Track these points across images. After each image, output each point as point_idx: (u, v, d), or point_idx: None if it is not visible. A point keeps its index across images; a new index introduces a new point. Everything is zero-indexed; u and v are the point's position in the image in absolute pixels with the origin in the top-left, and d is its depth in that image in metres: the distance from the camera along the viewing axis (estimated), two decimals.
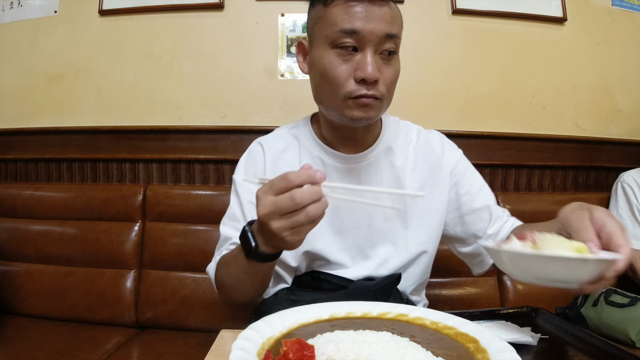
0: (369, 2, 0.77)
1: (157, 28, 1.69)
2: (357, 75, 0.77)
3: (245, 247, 0.70)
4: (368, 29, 0.75)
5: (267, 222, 0.61)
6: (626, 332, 1.33)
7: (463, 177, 0.95)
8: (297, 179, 0.59)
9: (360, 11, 0.76)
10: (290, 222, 0.60)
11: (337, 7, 0.78)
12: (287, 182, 0.59)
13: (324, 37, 0.79)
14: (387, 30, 0.77)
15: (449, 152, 0.97)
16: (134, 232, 1.50)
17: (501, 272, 1.55)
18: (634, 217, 1.53)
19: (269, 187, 0.61)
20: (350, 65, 0.78)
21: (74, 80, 1.71)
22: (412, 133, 0.97)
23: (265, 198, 0.61)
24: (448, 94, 1.71)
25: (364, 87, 0.77)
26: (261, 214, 0.61)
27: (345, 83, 0.78)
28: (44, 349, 1.22)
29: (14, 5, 1.75)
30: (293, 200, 0.58)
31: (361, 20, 0.76)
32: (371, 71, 0.76)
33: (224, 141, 1.65)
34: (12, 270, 1.49)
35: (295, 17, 1.68)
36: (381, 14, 0.76)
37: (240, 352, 0.44)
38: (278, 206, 0.59)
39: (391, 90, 0.82)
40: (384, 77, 0.79)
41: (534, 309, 0.77)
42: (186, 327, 1.43)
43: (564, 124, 1.77)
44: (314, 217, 0.60)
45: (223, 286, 0.85)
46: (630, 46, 1.81)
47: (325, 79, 0.80)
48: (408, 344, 0.48)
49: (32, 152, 1.70)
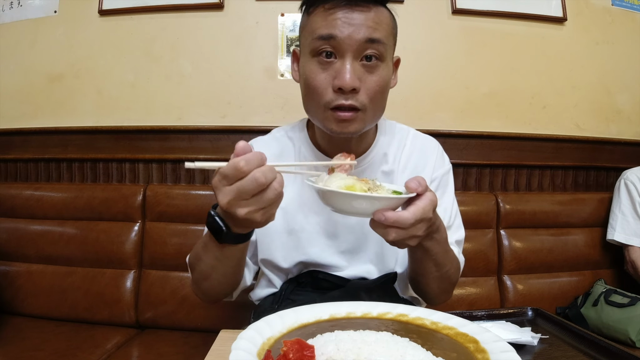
0: (349, 8, 0.74)
1: (157, 28, 1.69)
2: (335, 83, 0.74)
3: (216, 232, 0.67)
4: (345, 33, 0.73)
5: (233, 210, 0.58)
6: (626, 332, 1.33)
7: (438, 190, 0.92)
8: (251, 164, 0.56)
9: (339, 17, 0.74)
10: (259, 203, 0.58)
11: (317, 14, 0.76)
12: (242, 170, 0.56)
13: (307, 45, 0.78)
14: (367, 35, 0.73)
15: (439, 162, 0.94)
16: (134, 232, 1.50)
17: (501, 272, 1.56)
18: (636, 214, 1.53)
19: (223, 177, 0.57)
20: (329, 74, 0.75)
21: (74, 80, 1.71)
22: (407, 137, 0.95)
23: (223, 188, 0.57)
24: (448, 94, 1.71)
25: (342, 97, 0.75)
26: (224, 203, 0.58)
27: (324, 92, 0.76)
28: (44, 349, 1.22)
29: (14, 5, 1.75)
30: (256, 182, 0.56)
31: (339, 26, 0.73)
32: (348, 79, 0.73)
33: (224, 141, 1.65)
34: (12, 270, 1.49)
35: (295, 17, 1.68)
36: (362, 19, 0.74)
37: (240, 352, 0.44)
38: (241, 191, 0.56)
39: (376, 100, 0.78)
40: (366, 85, 0.76)
41: (534, 309, 0.78)
42: (186, 327, 1.43)
43: (564, 124, 1.77)
44: (278, 190, 0.58)
45: (195, 276, 0.82)
46: (630, 46, 1.81)
47: (307, 88, 0.78)
48: (408, 344, 0.48)
49: (32, 152, 1.70)
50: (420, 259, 0.77)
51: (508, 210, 1.59)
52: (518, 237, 1.58)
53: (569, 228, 1.62)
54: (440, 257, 0.76)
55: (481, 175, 1.72)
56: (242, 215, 0.58)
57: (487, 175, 1.72)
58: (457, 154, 1.66)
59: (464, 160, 1.68)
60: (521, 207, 1.61)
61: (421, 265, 0.79)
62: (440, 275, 0.79)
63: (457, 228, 0.93)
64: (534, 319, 0.76)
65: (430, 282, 0.82)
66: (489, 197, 1.61)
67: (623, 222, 1.54)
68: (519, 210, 1.61)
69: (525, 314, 0.77)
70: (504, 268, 1.55)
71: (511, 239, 1.57)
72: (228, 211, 0.59)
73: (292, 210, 0.88)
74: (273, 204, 0.60)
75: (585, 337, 0.65)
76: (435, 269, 0.78)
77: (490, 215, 1.58)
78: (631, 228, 1.53)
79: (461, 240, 0.93)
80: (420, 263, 0.78)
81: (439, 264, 0.77)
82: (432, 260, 0.76)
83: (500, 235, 1.58)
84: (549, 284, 1.56)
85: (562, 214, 1.62)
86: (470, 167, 1.70)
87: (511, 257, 1.55)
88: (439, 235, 0.73)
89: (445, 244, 0.77)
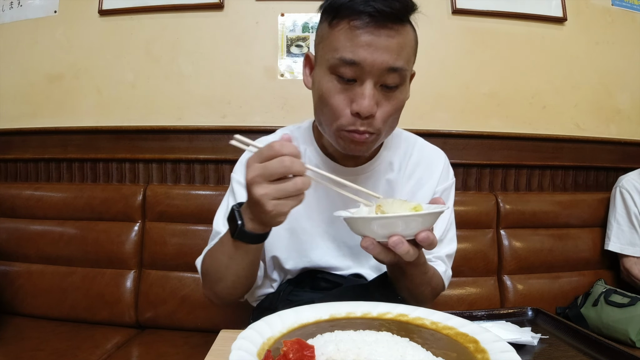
0: (375, 28, 0.71)
1: (157, 28, 1.69)
2: (353, 108, 0.73)
3: (232, 225, 0.70)
4: (369, 60, 0.70)
5: (253, 186, 0.61)
6: (626, 332, 1.33)
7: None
8: (285, 149, 0.60)
9: (364, 40, 0.70)
10: (277, 189, 0.60)
11: (341, 31, 0.73)
12: (275, 150, 0.60)
13: (325, 60, 0.75)
14: (390, 63, 0.71)
15: (444, 175, 0.94)
16: (134, 232, 1.50)
17: (501, 272, 1.56)
18: (631, 224, 1.53)
19: (258, 155, 0.61)
20: (348, 96, 0.74)
21: (74, 80, 1.71)
22: (414, 147, 0.95)
23: (253, 164, 0.61)
24: (448, 94, 1.71)
25: (358, 122, 0.74)
26: (249, 177, 0.61)
27: (340, 114, 0.74)
28: (44, 349, 1.22)
29: (14, 5, 1.75)
30: (282, 163, 0.59)
31: (363, 50, 0.70)
32: (367, 106, 0.71)
33: (224, 141, 1.64)
34: (12, 270, 1.49)
35: (295, 17, 1.68)
36: (387, 43, 0.71)
37: (240, 352, 0.44)
38: (267, 170, 0.60)
39: (391, 122, 0.78)
40: (383, 110, 0.74)
41: (534, 309, 0.78)
42: (186, 327, 1.43)
43: (564, 124, 1.77)
44: (301, 189, 0.60)
45: (208, 277, 0.83)
46: (630, 46, 1.81)
47: (323, 104, 0.77)
48: (408, 344, 0.48)
49: (32, 152, 1.70)
50: (397, 279, 0.79)
51: (508, 210, 1.59)
52: (518, 237, 1.58)
53: (569, 228, 1.62)
54: (418, 278, 0.78)
55: (481, 175, 1.72)
56: (258, 195, 0.60)
57: (487, 175, 1.72)
58: (457, 154, 1.66)
59: (464, 160, 1.68)
60: (521, 207, 1.61)
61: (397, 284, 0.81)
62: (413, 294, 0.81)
63: (449, 241, 0.94)
64: (534, 319, 0.76)
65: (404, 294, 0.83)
66: (489, 197, 1.61)
67: (618, 232, 1.55)
68: (519, 210, 1.60)
69: (525, 314, 0.77)
70: (504, 268, 1.55)
71: (511, 239, 1.57)
72: (249, 185, 0.62)
73: (295, 211, 0.87)
74: (289, 198, 0.61)
75: (585, 337, 0.65)
76: (413, 286, 0.80)
77: (490, 215, 1.57)
78: (626, 237, 1.53)
79: (452, 254, 0.94)
80: (397, 282, 0.81)
81: (416, 284, 0.79)
82: (409, 281, 0.78)
83: (500, 235, 1.58)
84: (549, 284, 1.56)
85: (562, 214, 1.62)
86: (470, 167, 1.70)
87: (511, 257, 1.55)
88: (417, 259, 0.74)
89: (424, 267, 0.78)
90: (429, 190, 0.91)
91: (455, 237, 0.95)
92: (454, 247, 0.94)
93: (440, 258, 0.91)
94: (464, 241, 1.46)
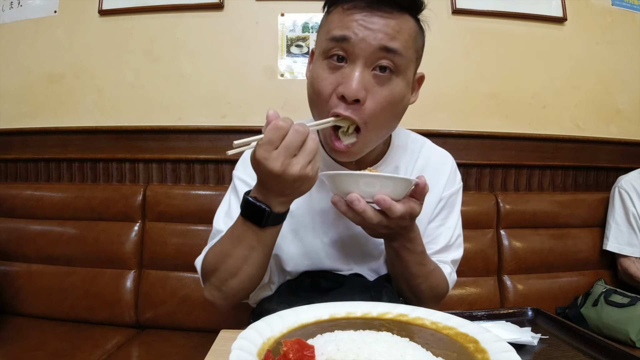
0: (369, 11, 0.67)
1: (157, 28, 1.69)
2: (338, 90, 0.68)
3: (257, 215, 0.67)
4: (360, 36, 0.67)
5: (288, 171, 0.60)
6: (626, 332, 1.33)
7: (445, 209, 0.91)
8: (286, 121, 0.61)
9: (356, 19, 0.68)
10: (306, 155, 0.61)
11: (335, 14, 0.71)
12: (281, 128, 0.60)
13: (320, 46, 0.74)
14: (383, 42, 0.67)
15: (451, 180, 0.92)
16: (134, 232, 1.50)
17: (501, 272, 1.56)
18: (629, 224, 1.53)
19: (269, 144, 0.60)
20: (336, 78, 0.69)
21: (74, 80, 1.71)
22: (420, 150, 0.92)
23: (271, 154, 0.60)
24: (448, 94, 1.71)
25: (342, 106, 0.69)
26: (278, 166, 0.60)
27: (327, 98, 0.70)
28: (44, 349, 1.22)
29: (14, 5, 1.75)
30: (298, 131, 0.60)
31: (354, 27, 0.67)
32: (353, 88, 0.66)
33: (224, 141, 1.65)
34: (12, 270, 1.49)
35: (295, 17, 1.68)
36: (381, 24, 0.67)
37: (240, 352, 0.44)
38: (289, 148, 0.60)
39: (380, 117, 0.71)
40: (373, 97, 0.69)
41: (534, 309, 0.77)
42: (186, 327, 1.43)
43: (563, 124, 1.77)
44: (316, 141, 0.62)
45: (216, 276, 0.78)
46: (630, 46, 1.81)
47: (313, 91, 0.73)
48: (408, 344, 0.48)
49: (32, 152, 1.70)
50: (392, 262, 0.81)
51: (508, 210, 1.59)
52: (518, 237, 1.58)
53: (569, 228, 1.62)
54: (413, 268, 0.79)
55: (481, 175, 1.72)
56: (297, 172, 0.61)
57: (487, 175, 1.72)
58: (457, 154, 1.64)
59: (464, 160, 1.68)
60: (521, 207, 1.61)
61: (392, 268, 0.83)
62: (409, 285, 0.82)
63: (456, 247, 0.93)
64: (534, 319, 0.76)
65: (401, 284, 0.84)
66: (489, 197, 1.61)
67: (616, 232, 1.55)
68: (519, 210, 1.61)
69: (525, 314, 0.77)
70: (504, 268, 1.55)
71: (511, 239, 1.57)
72: (282, 175, 0.61)
73: (299, 213, 0.86)
74: (316, 154, 0.63)
75: (585, 337, 0.65)
76: (409, 276, 0.80)
77: (490, 215, 1.58)
78: (624, 237, 1.54)
79: (457, 260, 0.94)
80: (392, 267, 0.83)
81: (412, 274, 0.80)
82: (403, 267, 0.79)
83: (500, 235, 1.58)
84: (549, 284, 1.56)
85: (562, 214, 1.62)
86: (470, 167, 1.70)
87: (511, 257, 1.55)
88: (413, 246, 0.76)
89: (421, 256, 0.79)
90: (435, 196, 0.89)
91: (462, 243, 0.94)
92: (460, 253, 0.93)
93: (446, 263, 0.91)
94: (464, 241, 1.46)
